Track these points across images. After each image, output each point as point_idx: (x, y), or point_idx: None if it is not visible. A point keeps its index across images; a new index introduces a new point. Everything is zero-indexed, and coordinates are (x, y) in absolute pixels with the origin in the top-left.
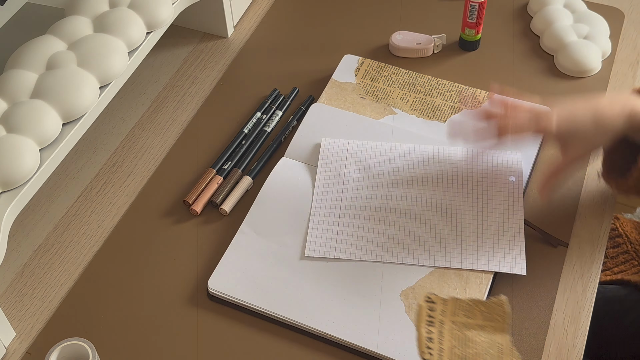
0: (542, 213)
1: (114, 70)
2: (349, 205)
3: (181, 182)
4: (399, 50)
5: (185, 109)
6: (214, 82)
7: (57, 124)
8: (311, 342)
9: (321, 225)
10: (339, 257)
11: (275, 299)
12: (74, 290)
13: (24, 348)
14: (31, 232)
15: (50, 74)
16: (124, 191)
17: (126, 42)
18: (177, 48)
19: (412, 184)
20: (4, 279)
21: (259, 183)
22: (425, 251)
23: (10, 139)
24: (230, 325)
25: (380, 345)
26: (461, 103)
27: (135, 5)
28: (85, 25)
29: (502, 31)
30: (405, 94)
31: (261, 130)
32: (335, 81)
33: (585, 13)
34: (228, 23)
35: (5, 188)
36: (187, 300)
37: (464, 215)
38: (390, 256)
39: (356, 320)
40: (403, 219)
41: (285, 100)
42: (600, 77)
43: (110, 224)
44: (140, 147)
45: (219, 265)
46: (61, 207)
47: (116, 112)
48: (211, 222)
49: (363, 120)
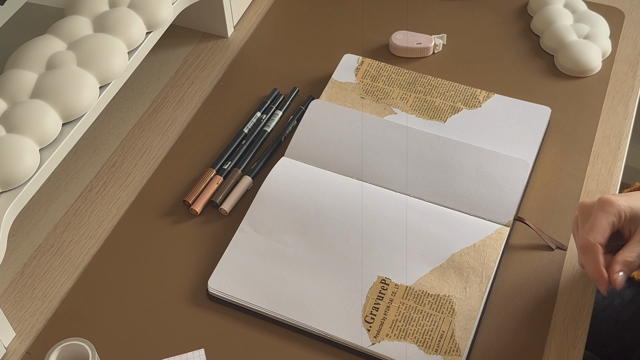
0: (542, 214)
1: (114, 70)
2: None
3: (181, 182)
4: (399, 50)
5: (185, 108)
6: (214, 82)
7: (57, 124)
8: (311, 342)
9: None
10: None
11: (275, 298)
12: (74, 290)
13: (24, 348)
14: (31, 232)
15: (50, 74)
16: (124, 191)
17: (126, 42)
18: (177, 48)
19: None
20: (4, 279)
21: (259, 183)
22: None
23: (10, 139)
24: (231, 325)
25: (380, 346)
26: None
27: (135, 5)
28: (85, 25)
29: (502, 31)
30: (405, 94)
31: (261, 130)
32: (335, 81)
33: (586, 13)
34: (228, 23)
35: (5, 188)
36: (187, 300)
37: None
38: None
39: (356, 320)
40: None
41: (285, 100)
42: (601, 77)
43: (110, 224)
44: (140, 147)
45: (219, 265)
46: (61, 207)
47: (116, 112)
48: (211, 222)
49: (364, 118)
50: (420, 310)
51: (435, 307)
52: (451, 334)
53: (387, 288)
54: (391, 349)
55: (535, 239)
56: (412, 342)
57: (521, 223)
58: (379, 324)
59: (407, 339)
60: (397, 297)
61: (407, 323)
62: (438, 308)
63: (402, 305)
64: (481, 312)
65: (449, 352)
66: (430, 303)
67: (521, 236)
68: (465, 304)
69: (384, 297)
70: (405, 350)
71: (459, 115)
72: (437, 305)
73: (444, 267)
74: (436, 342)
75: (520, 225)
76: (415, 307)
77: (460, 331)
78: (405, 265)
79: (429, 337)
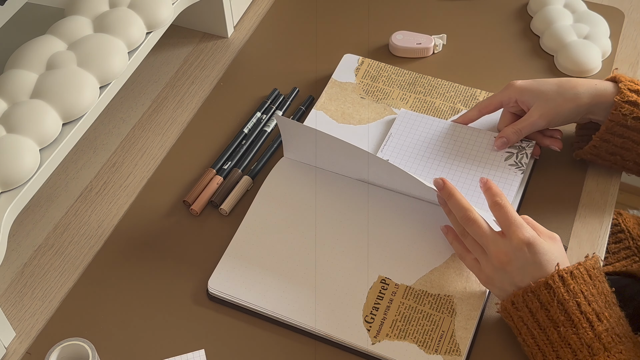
0: (542, 214)
1: (114, 70)
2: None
3: (181, 182)
4: (399, 50)
5: (185, 109)
6: (214, 82)
7: (57, 124)
8: (311, 342)
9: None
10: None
11: (275, 298)
12: (74, 290)
13: (24, 348)
14: (31, 232)
15: (50, 74)
16: (124, 191)
17: (126, 42)
18: (177, 48)
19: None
20: (4, 279)
21: (259, 183)
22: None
23: (10, 139)
24: (231, 325)
25: (380, 346)
26: None
27: (135, 5)
28: (85, 25)
29: (502, 31)
30: (405, 94)
31: (261, 130)
32: (336, 81)
33: (585, 13)
34: (228, 23)
35: (5, 188)
36: (187, 300)
37: None
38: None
39: (356, 320)
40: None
41: (285, 100)
42: (600, 77)
43: (110, 224)
44: (140, 147)
45: (219, 265)
46: (61, 207)
47: (116, 112)
48: (211, 222)
49: (360, 133)
50: (420, 310)
51: (435, 307)
52: (451, 334)
53: (387, 288)
54: (391, 348)
55: None
56: (412, 342)
57: None
58: (379, 324)
59: (407, 338)
60: (397, 297)
61: (407, 323)
62: (438, 308)
63: (402, 305)
64: (481, 312)
65: (449, 352)
66: (431, 303)
67: None
68: (465, 304)
69: (384, 297)
70: (405, 350)
71: (458, 116)
72: (437, 305)
73: (444, 267)
74: (436, 342)
75: None
76: (415, 307)
77: (460, 331)
78: (405, 265)
79: (429, 337)
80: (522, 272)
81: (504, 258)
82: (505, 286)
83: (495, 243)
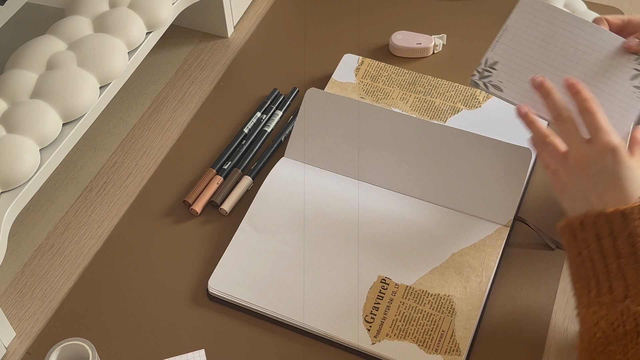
0: (542, 214)
1: (114, 70)
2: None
3: (181, 182)
4: (399, 50)
5: (185, 109)
6: (214, 82)
7: (57, 124)
8: (311, 342)
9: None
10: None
11: (275, 298)
12: (74, 290)
13: (24, 348)
14: (31, 232)
15: (50, 74)
16: (124, 191)
17: (126, 42)
18: (177, 48)
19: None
20: (4, 279)
21: (259, 183)
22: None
23: (10, 139)
24: (231, 325)
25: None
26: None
27: (135, 5)
28: (85, 25)
29: None
30: (405, 94)
31: (261, 130)
32: (336, 81)
33: (585, 13)
34: (228, 23)
35: (5, 188)
36: (187, 300)
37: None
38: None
39: (356, 320)
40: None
41: (285, 100)
42: None
43: (110, 224)
44: (140, 147)
45: (219, 265)
46: (61, 207)
47: (116, 112)
48: (211, 222)
49: (362, 107)
50: (420, 310)
51: (436, 307)
52: (451, 333)
53: (387, 288)
54: (391, 348)
55: (535, 239)
56: (412, 342)
57: (521, 223)
58: (379, 324)
59: (407, 338)
60: (397, 297)
61: (407, 323)
62: (438, 308)
63: (402, 305)
64: (481, 312)
65: (449, 352)
66: (431, 303)
67: (521, 236)
68: (465, 304)
69: (384, 297)
70: (405, 350)
71: (458, 116)
72: (437, 305)
73: (444, 267)
74: (436, 341)
75: (520, 225)
76: (415, 307)
77: (460, 331)
78: (405, 265)
79: (429, 337)
80: (596, 179)
81: (583, 159)
82: (577, 195)
83: (579, 144)
